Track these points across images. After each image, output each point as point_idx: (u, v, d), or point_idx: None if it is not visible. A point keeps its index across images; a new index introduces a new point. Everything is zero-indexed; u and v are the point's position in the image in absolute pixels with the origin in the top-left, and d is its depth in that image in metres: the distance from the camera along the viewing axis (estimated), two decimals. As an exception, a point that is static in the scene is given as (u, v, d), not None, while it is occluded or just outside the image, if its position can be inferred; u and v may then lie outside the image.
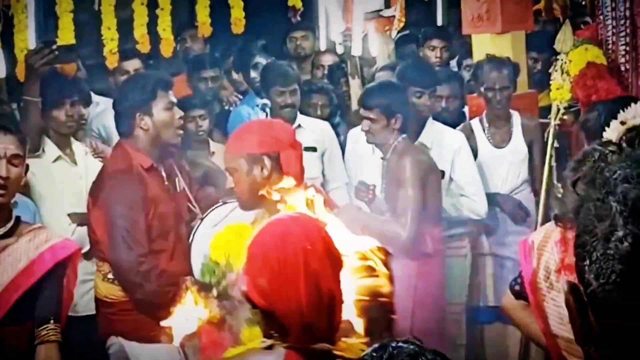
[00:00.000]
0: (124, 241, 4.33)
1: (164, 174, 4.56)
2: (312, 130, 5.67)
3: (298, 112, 5.73)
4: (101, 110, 6.08)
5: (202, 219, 4.49)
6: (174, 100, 4.59)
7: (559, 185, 4.52)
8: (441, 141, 5.37)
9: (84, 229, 5.01)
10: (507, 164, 5.60)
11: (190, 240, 4.46)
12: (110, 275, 4.51)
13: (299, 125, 5.63)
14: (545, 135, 5.39)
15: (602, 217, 1.10)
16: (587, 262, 1.11)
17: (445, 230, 5.18)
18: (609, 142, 1.19)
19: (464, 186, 5.31)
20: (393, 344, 1.83)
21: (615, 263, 1.07)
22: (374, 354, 1.75)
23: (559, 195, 1.21)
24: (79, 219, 5.02)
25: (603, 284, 1.08)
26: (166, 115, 4.51)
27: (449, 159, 5.29)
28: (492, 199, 5.43)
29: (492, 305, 5.50)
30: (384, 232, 4.52)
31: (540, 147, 5.58)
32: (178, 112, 4.57)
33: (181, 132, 4.64)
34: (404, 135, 4.97)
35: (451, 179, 5.32)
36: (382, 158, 5.04)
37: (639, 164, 1.11)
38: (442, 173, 5.15)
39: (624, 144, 1.17)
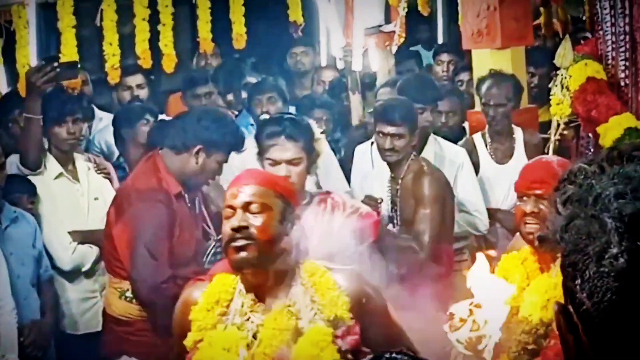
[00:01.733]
0: (149, 262, 4.23)
1: (187, 199, 4.49)
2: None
3: None
4: (104, 126, 6.09)
5: (216, 241, 4.45)
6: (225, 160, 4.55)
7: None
8: (443, 157, 5.36)
9: (85, 247, 5.00)
10: (509, 180, 5.58)
11: (204, 260, 4.43)
12: (128, 294, 4.41)
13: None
14: (545, 150, 5.40)
15: (593, 235, 1.08)
16: (579, 281, 1.09)
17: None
18: (592, 161, 1.18)
19: (466, 202, 5.30)
20: (387, 355, 1.84)
21: (610, 280, 1.06)
22: None
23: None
24: (81, 237, 5.00)
25: (597, 302, 1.07)
26: (216, 165, 4.48)
27: (452, 175, 5.28)
28: (493, 214, 5.44)
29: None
30: (402, 251, 4.50)
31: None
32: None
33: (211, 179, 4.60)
34: (414, 153, 4.91)
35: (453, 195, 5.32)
36: (392, 177, 4.94)
37: (631, 180, 1.10)
38: None
39: (605, 163, 1.16)
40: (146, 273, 4.24)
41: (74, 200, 5.10)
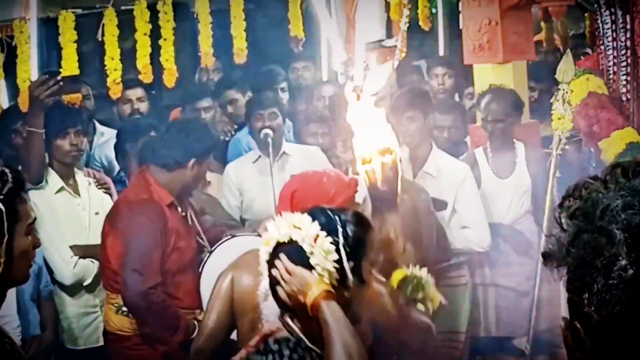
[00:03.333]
0: (137, 272, 4.27)
1: (179, 209, 4.53)
2: (299, 157, 5.61)
3: (284, 140, 5.68)
4: (104, 141, 6.09)
5: (210, 252, 4.47)
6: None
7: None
8: (446, 171, 5.35)
9: (87, 261, 5.00)
10: (510, 195, 5.59)
11: (200, 272, 4.45)
12: (124, 308, 4.44)
13: (284, 153, 5.60)
14: (547, 165, 5.39)
15: (600, 248, 1.09)
16: (587, 294, 1.09)
17: (445, 261, 5.16)
18: (596, 177, 1.18)
19: (467, 218, 5.29)
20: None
21: (620, 292, 1.06)
22: None
23: (554, 232, 1.19)
24: (82, 252, 5.00)
25: (607, 314, 1.07)
26: (204, 173, 4.57)
27: (453, 189, 5.27)
28: (495, 229, 5.42)
29: (494, 335, 5.48)
30: None
31: (543, 178, 5.57)
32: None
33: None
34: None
35: (454, 210, 5.30)
36: None
37: (638, 193, 1.11)
38: (445, 204, 5.14)
39: (608, 178, 1.16)
40: (134, 282, 4.28)
41: (75, 214, 5.11)
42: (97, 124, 6.46)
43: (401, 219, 4.46)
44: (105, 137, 6.14)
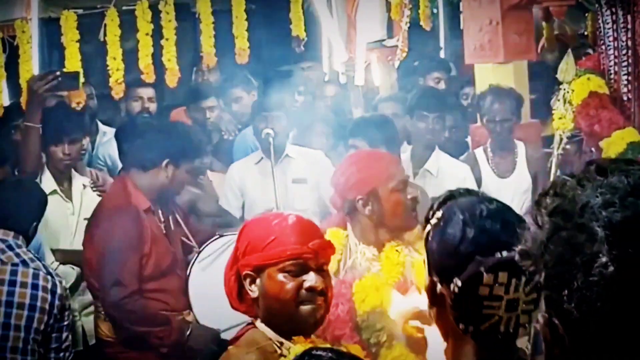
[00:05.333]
0: (113, 278, 4.29)
1: (160, 214, 4.55)
2: (302, 160, 5.63)
3: (288, 143, 5.69)
4: (107, 140, 6.10)
5: (199, 253, 4.50)
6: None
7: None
8: (446, 171, 5.39)
9: (67, 267, 4.98)
10: (511, 195, 5.60)
11: (187, 273, 4.46)
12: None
13: (287, 155, 5.61)
14: (548, 165, 5.40)
15: (580, 245, 1.10)
16: (566, 291, 1.10)
17: None
18: (572, 175, 1.19)
19: None
20: (313, 352, 1.86)
21: (600, 289, 1.07)
22: None
23: (531, 229, 1.20)
24: (63, 257, 4.97)
25: (587, 311, 1.08)
26: (186, 175, 4.60)
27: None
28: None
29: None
30: None
31: (544, 178, 5.58)
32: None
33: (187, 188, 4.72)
34: None
35: None
36: None
37: (617, 190, 1.12)
38: None
39: (583, 176, 1.17)
40: (110, 289, 4.30)
41: (63, 218, 5.11)
42: (100, 124, 6.47)
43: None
44: (108, 137, 6.16)
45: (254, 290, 2.63)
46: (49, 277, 4.20)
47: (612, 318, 1.07)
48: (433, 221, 1.90)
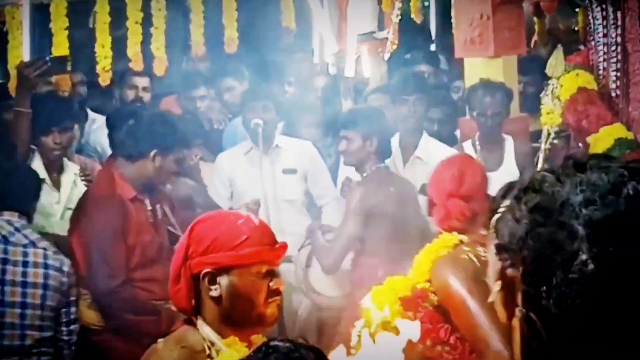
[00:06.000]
0: (102, 268, 4.30)
1: (147, 203, 4.55)
2: (292, 150, 5.63)
3: (277, 133, 5.68)
4: (98, 127, 6.09)
5: None
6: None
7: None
8: (437, 156, 5.40)
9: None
10: (497, 188, 5.60)
11: None
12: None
13: (277, 146, 5.61)
14: (535, 159, 5.41)
15: (560, 242, 1.10)
16: (545, 288, 1.10)
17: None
18: (552, 170, 1.19)
19: None
20: (271, 343, 1.88)
21: (580, 287, 1.08)
22: (252, 355, 1.82)
23: (508, 224, 1.20)
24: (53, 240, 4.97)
25: (566, 308, 1.08)
26: (174, 165, 4.59)
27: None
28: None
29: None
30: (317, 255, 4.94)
31: (531, 172, 5.56)
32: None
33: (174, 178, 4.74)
34: (380, 165, 5.03)
35: None
36: (357, 183, 5.10)
37: (597, 188, 1.12)
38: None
39: (561, 172, 1.17)
40: (100, 279, 4.32)
41: (49, 206, 5.10)
42: (89, 111, 6.46)
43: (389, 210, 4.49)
44: (98, 124, 6.14)
45: (214, 289, 2.56)
46: (57, 256, 4.34)
47: (591, 315, 1.07)
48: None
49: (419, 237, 5.08)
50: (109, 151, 5.41)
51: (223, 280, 2.55)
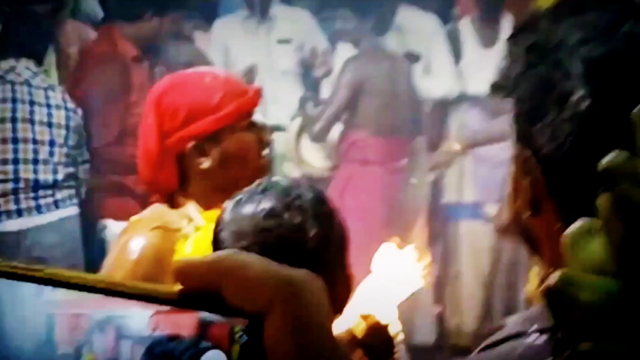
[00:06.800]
0: (100, 123, 4.40)
1: (147, 64, 4.57)
2: (288, 21, 5.55)
3: (274, 1, 5.59)
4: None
5: None
6: None
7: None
8: (415, 26, 5.40)
9: None
10: (491, 67, 5.55)
11: None
12: None
13: (273, 15, 5.54)
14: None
15: (555, 81, 1.08)
16: (539, 125, 1.09)
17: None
18: (548, 10, 1.15)
19: (434, 64, 5.34)
20: (272, 179, 1.88)
21: (573, 125, 1.06)
22: (252, 189, 1.82)
23: (503, 63, 1.18)
24: None
25: (559, 145, 1.07)
26: (173, 25, 4.64)
27: (425, 42, 5.33)
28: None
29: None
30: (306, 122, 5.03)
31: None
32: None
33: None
34: (375, 42, 5.10)
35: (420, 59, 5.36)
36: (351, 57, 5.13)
37: (595, 27, 1.10)
38: (417, 57, 5.21)
39: (558, 10, 1.14)
40: (94, 134, 4.43)
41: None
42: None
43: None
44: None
45: (205, 161, 2.34)
46: (71, 99, 4.49)
47: (585, 154, 1.05)
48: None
49: (409, 113, 5.13)
50: (101, 14, 5.38)
51: (212, 148, 2.33)
